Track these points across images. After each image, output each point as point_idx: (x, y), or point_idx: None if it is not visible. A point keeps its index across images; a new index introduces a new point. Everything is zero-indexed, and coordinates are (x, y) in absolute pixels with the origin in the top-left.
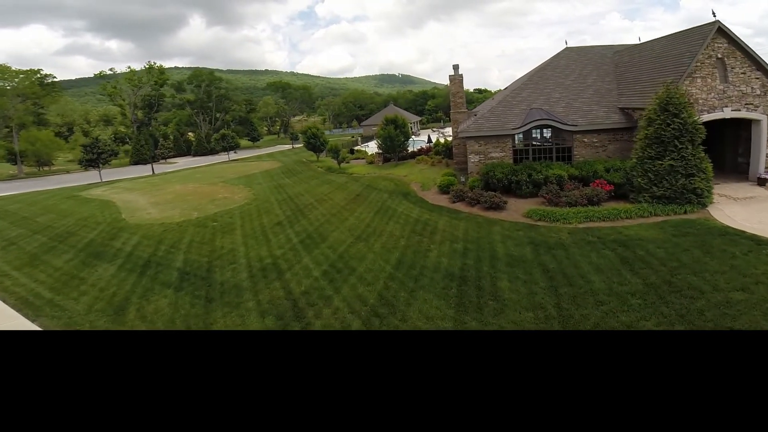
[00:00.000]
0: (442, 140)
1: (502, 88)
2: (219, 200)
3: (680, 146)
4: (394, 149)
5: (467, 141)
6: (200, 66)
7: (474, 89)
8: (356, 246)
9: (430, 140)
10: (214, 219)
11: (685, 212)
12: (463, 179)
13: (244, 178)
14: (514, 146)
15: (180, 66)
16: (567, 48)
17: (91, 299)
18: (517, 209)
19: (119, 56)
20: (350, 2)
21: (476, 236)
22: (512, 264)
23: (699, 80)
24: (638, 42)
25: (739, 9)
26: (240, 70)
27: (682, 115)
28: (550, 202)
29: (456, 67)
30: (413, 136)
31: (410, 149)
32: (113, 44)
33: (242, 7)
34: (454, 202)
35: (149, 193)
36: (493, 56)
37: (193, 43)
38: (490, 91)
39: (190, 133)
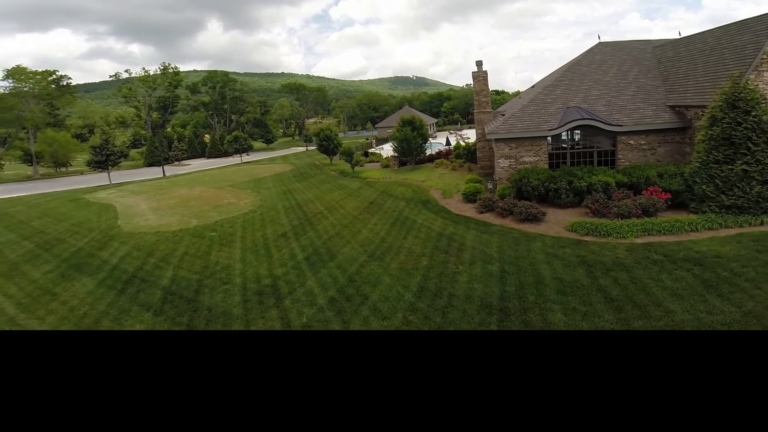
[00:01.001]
0: (462, 143)
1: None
2: (223, 206)
3: (755, 148)
4: (411, 152)
5: (496, 143)
6: (218, 69)
7: (491, 90)
8: (369, 266)
9: (449, 143)
10: (213, 228)
11: (762, 224)
12: (490, 186)
13: (253, 181)
14: (549, 150)
15: (198, 69)
16: (600, 42)
17: (57, 319)
18: (557, 221)
19: (141, 60)
20: (363, 5)
21: (514, 255)
22: (564, 291)
23: (766, 74)
24: (679, 36)
25: (763, 8)
26: (256, 73)
27: (755, 113)
28: (596, 213)
29: (479, 64)
30: (430, 139)
31: (428, 152)
32: (135, 48)
33: (258, 11)
34: (481, 212)
35: (153, 198)
36: (509, 58)
37: (211, 47)
38: (507, 93)
39: (206, 135)
